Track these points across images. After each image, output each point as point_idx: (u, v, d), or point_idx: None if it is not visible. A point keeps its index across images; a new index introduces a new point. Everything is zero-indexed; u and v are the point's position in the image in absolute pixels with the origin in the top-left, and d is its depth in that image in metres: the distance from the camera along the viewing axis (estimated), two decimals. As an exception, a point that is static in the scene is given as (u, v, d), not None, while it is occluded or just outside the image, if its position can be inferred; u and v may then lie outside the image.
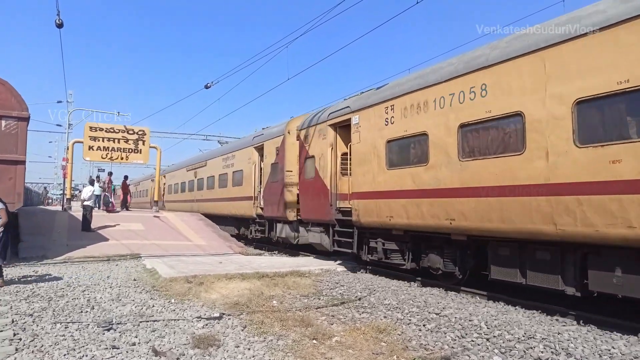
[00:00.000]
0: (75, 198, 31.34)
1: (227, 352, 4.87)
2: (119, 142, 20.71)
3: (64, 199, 22.51)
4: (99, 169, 47.02)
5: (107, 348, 4.80)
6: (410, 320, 6.25)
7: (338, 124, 11.32)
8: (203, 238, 16.49)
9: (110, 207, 21.10)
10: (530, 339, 5.29)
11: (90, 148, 20.31)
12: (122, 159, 21.00)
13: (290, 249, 15.71)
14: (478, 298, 7.92)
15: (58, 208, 23.38)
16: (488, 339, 5.36)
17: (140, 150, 21.22)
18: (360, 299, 7.63)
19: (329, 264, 11.69)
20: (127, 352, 4.74)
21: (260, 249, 17.17)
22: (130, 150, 21.01)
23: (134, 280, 8.84)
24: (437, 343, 5.31)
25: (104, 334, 5.29)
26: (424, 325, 6.00)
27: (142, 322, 5.85)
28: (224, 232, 18.83)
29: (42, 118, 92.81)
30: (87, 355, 4.59)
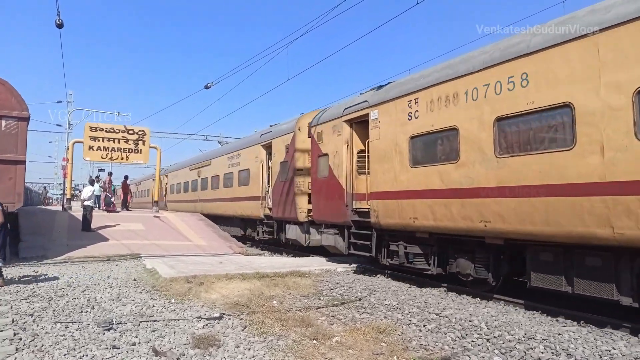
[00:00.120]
0: (76, 198, 31.35)
1: (227, 352, 4.87)
2: (119, 142, 20.72)
3: (64, 199, 22.52)
4: (99, 169, 47.04)
5: (107, 348, 4.81)
6: (411, 321, 6.25)
7: (354, 120, 10.76)
8: (203, 238, 16.49)
9: (111, 207, 21.13)
10: (531, 340, 5.29)
11: (90, 148, 20.33)
12: (122, 159, 21.01)
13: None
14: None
15: (58, 208, 23.38)
16: (488, 340, 5.36)
17: (141, 151, 21.23)
18: (361, 300, 7.63)
19: (329, 265, 11.69)
20: (127, 352, 4.74)
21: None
22: (130, 151, 21.03)
23: (134, 280, 8.84)
24: (437, 343, 5.31)
25: (104, 334, 5.29)
26: (424, 326, 5.99)
27: (142, 322, 5.86)
28: (224, 232, 18.83)
29: (42, 118, 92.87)
30: (87, 355, 4.59)
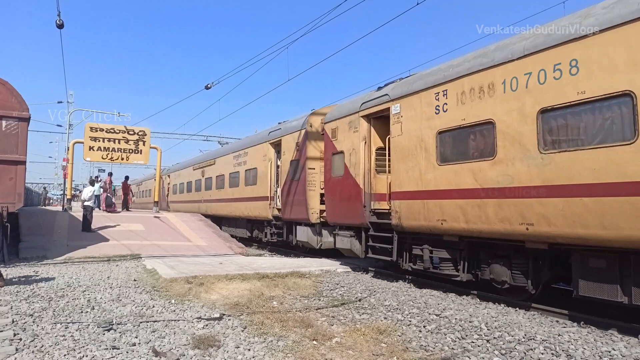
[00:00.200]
0: (76, 198, 31.37)
1: (227, 352, 4.87)
2: (120, 142, 20.75)
3: (64, 199, 22.54)
4: (99, 170, 47.12)
5: (107, 348, 4.80)
6: (411, 322, 6.24)
7: (372, 115, 10.13)
8: (203, 239, 16.50)
9: (112, 207, 21.15)
10: (531, 341, 5.29)
11: (91, 148, 20.36)
12: (122, 160, 21.04)
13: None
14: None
15: (58, 208, 23.39)
16: (488, 340, 5.36)
17: (141, 151, 21.27)
18: (361, 300, 7.62)
19: (329, 265, 11.68)
20: (127, 352, 4.74)
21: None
22: (131, 151, 21.06)
23: (134, 281, 8.84)
24: (437, 344, 5.31)
25: (104, 334, 5.29)
26: (424, 327, 5.99)
27: (142, 322, 5.86)
28: (224, 232, 18.84)
29: (42, 118, 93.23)
30: (87, 356, 4.59)
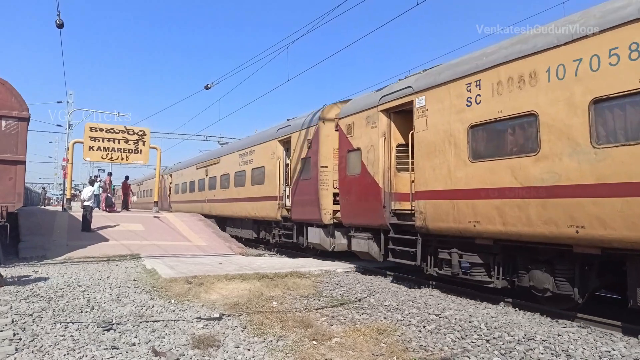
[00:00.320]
0: (76, 198, 31.36)
1: (226, 352, 4.87)
2: (119, 142, 20.75)
3: (64, 199, 22.53)
4: (99, 169, 47.10)
5: (107, 348, 4.80)
6: (410, 322, 6.24)
7: (393, 109, 9.58)
8: (203, 239, 16.50)
9: (112, 207, 21.16)
10: (531, 341, 5.29)
11: (91, 148, 20.36)
12: (122, 160, 21.04)
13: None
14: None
15: (58, 208, 23.39)
16: (488, 341, 5.36)
17: (141, 151, 21.26)
18: (360, 300, 7.62)
19: (329, 265, 11.68)
20: (126, 352, 4.74)
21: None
22: (131, 151, 21.05)
23: (134, 281, 8.84)
24: (437, 344, 5.31)
25: (104, 334, 5.29)
26: (424, 327, 5.99)
27: (142, 322, 5.86)
28: (224, 232, 18.83)
29: (42, 118, 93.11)
30: (87, 356, 4.59)
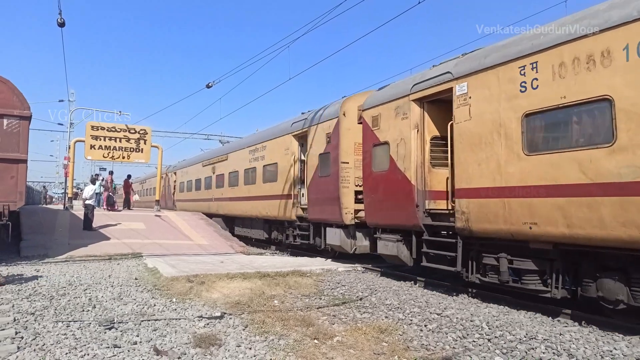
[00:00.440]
0: (78, 197, 31.39)
1: (228, 351, 4.87)
2: (121, 141, 20.75)
3: (66, 198, 22.57)
4: (101, 168, 47.14)
5: (108, 347, 4.81)
6: (412, 321, 6.25)
7: (427, 98, 8.77)
8: (204, 237, 16.52)
9: (114, 206, 21.20)
10: (532, 340, 5.29)
11: (92, 147, 20.36)
12: (123, 158, 21.03)
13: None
14: (479, 299, 7.62)
15: (59, 207, 23.43)
16: (489, 340, 5.36)
17: (142, 150, 21.26)
18: (362, 299, 7.62)
19: (330, 264, 11.69)
20: (128, 351, 4.75)
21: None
22: (132, 150, 21.05)
23: (136, 280, 8.85)
24: (438, 343, 5.31)
25: (106, 333, 5.30)
26: (426, 326, 5.99)
27: (143, 321, 5.86)
28: (225, 231, 18.85)
29: (43, 117, 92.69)
30: (88, 354, 4.60)
